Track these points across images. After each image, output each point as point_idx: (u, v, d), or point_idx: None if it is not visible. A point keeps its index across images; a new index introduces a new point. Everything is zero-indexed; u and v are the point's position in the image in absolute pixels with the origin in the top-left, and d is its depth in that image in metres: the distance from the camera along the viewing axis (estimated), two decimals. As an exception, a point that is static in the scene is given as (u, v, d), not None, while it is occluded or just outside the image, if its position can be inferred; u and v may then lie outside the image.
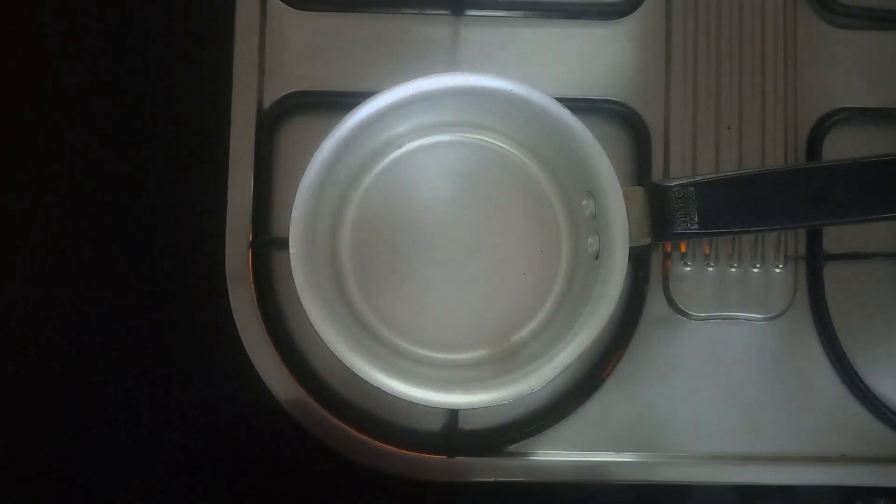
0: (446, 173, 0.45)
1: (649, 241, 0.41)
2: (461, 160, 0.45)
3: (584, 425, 0.47)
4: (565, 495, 0.47)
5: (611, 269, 0.40)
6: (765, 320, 0.47)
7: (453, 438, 0.47)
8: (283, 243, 0.42)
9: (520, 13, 0.49)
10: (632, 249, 0.40)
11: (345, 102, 0.42)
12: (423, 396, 0.39)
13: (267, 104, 0.47)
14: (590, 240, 0.43)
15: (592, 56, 0.48)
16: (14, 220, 0.48)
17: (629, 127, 0.48)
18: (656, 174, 0.47)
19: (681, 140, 0.47)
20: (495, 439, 0.46)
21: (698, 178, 0.41)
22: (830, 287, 0.47)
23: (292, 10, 0.48)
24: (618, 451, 0.47)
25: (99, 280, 0.47)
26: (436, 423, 0.47)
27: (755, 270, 0.47)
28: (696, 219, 0.40)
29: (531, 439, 0.46)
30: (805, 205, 0.41)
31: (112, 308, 0.47)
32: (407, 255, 0.44)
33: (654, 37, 0.48)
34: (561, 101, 0.41)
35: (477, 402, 0.39)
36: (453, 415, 0.47)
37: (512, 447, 0.46)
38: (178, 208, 0.48)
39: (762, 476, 0.46)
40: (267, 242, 0.47)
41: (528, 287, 0.44)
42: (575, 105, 0.41)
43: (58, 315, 0.48)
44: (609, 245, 0.40)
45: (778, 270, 0.47)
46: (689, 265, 0.47)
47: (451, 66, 0.48)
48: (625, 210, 0.40)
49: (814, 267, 0.47)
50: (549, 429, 0.46)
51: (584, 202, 0.42)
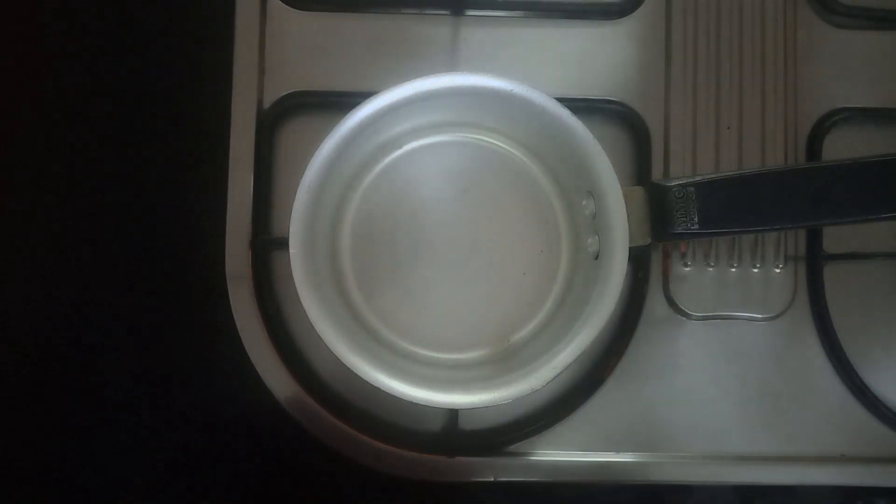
0: (446, 173, 0.45)
1: (649, 241, 0.41)
2: (461, 160, 0.45)
3: (584, 425, 0.47)
4: (565, 495, 0.47)
5: (611, 269, 0.40)
6: (765, 320, 0.47)
7: (453, 438, 0.47)
8: (283, 243, 0.42)
9: (520, 13, 0.49)
10: (632, 249, 0.40)
11: (345, 102, 0.42)
12: (423, 396, 0.39)
13: (267, 104, 0.47)
14: (590, 240, 0.43)
15: (592, 56, 0.48)
16: (14, 220, 0.48)
17: (629, 127, 0.48)
18: (656, 174, 0.47)
19: (681, 140, 0.47)
20: (495, 439, 0.46)
21: (698, 178, 0.41)
22: (830, 287, 0.47)
23: (292, 10, 0.48)
24: (618, 451, 0.47)
25: (99, 280, 0.47)
26: (436, 423, 0.47)
27: (755, 270, 0.47)
28: (696, 219, 0.40)
29: (531, 439, 0.46)
30: (805, 205, 0.41)
31: (112, 308, 0.47)
32: (407, 255, 0.44)
33: (654, 37, 0.48)
34: (561, 101, 0.41)
35: (477, 402, 0.39)
36: (453, 415, 0.47)
37: (512, 447, 0.46)
38: (178, 208, 0.48)
39: (762, 476, 0.46)
40: (267, 242, 0.47)
41: (528, 287, 0.44)
42: (575, 105, 0.41)
43: (58, 315, 0.48)
44: (609, 245, 0.40)
45: (778, 270, 0.47)
46: (689, 265, 0.47)
47: (451, 66, 0.48)
48: (625, 210, 0.40)
49: (814, 267, 0.47)
50: (549, 429, 0.46)
51: (584, 202, 0.42)
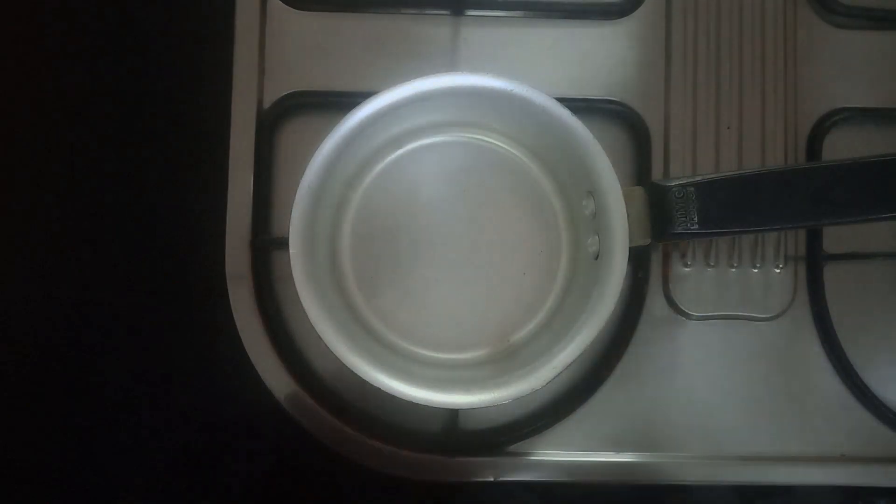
0: (446, 173, 0.45)
1: (649, 241, 0.41)
2: (461, 160, 0.45)
3: (584, 425, 0.47)
4: (565, 495, 0.47)
5: (611, 269, 0.40)
6: (765, 320, 0.47)
7: (453, 438, 0.47)
8: (283, 243, 0.42)
9: (520, 13, 0.49)
10: (632, 249, 0.40)
11: (345, 102, 0.42)
12: (423, 396, 0.39)
13: (267, 104, 0.47)
14: (590, 240, 0.43)
15: (592, 56, 0.48)
16: (14, 220, 0.48)
17: (629, 127, 0.48)
18: (656, 174, 0.47)
19: (681, 140, 0.47)
20: (495, 439, 0.46)
21: (698, 178, 0.41)
22: (830, 287, 0.47)
23: (292, 10, 0.48)
24: (618, 451, 0.47)
25: (99, 280, 0.47)
26: (436, 423, 0.47)
27: (755, 270, 0.47)
28: (696, 219, 0.40)
29: (531, 439, 0.46)
30: (805, 205, 0.41)
31: (112, 308, 0.47)
32: (407, 255, 0.44)
33: (654, 37, 0.48)
34: (561, 101, 0.41)
35: (477, 402, 0.39)
36: (453, 415, 0.47)
37: (512, 447, 0.46)
38: (178, 208, 0.48)
39: (762, 476, 0.46)
40: (267, 242, 0.47)
41: (528, 287, 0.44)
42: (575, 105, 0.41)
43: (58, 315, 0.48)
44: (609, 245, 0.40)
45: (778, 270, 0.47)
46: (689, 265, 0.47)
47: (451, 66, 0.48)
48: (625, 210, 0.40)
49: (814, 267, 0.47)
50: (549, 429, 0.46)
51: (584, 202, 0.42)
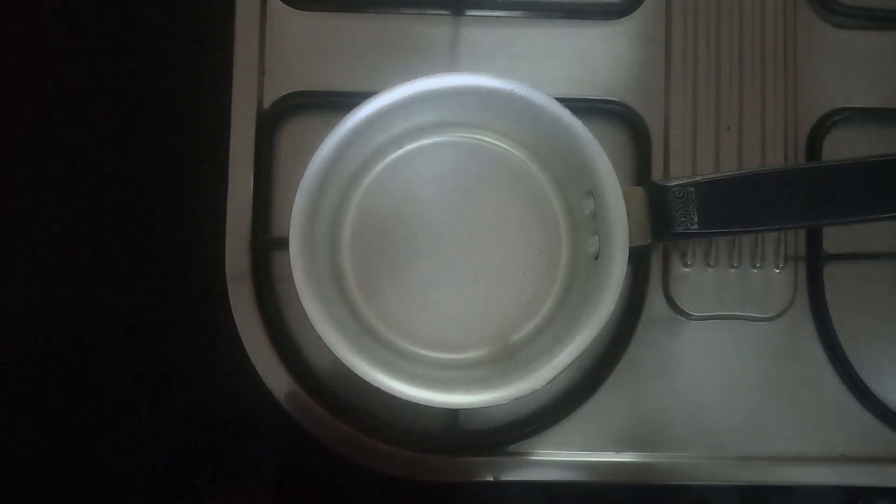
0: (446, 173, 0.45)
1: (649, 241, 0.41)
2: (461, 160, 0.45)
3: (584, 425, 0.47)
4: (565, 495, 0.47)
5: (611, 269, 0.40)
6: (765, 320, 0.47)
7: (453, 438, 0.47)
8: (283, 243, 0.42)
9: (520, 13, 0.49)
10: (632, 249, 0.40)
11: (345, 102, 0.42)
12: (423, 396, 0.39)
13: (267, 104, 0.47)
14: (590, 240, 0.43)
15: (592, 56, 0.48)
16: (14, 220, 0.48)
17: (629, 127, 0.48)
18: (656, 174, 0.47)
19: (681, 140, 0.47)
20: (495, 439, 0.46)
21: (698, 178, 0.41)
22: (830, 287, 0.47)
23: (292, 10, 0.48)
24: (618, 451, 0.47)
25: (99, 280, 0.47)
26: (436, 423, 0.47)
27: (755, 270, 0.47)
28: (696, 219, 0.40)
29: (531, 439, 0.46)
30: (805, 205, 0.41)
31: (112, 308, 0.47)
32: (407, 254, 0.44)
33: (654, 37, 0.48)
34: (561, 101, 0.41)
35: (477, 402, 0.39)
36: (453, 415, 0.47)
37: (512, 447, 0.46)
38: (178, 208, 0.48)
39: (762, 476, 0.46)
40: (267, 242, 0.47)
41: (528, 287, 0.44)
42: (575, 105, 0.41)
43: (58, 315, 0.48)
44: (609, 245, 0.40)
45: (778, 270, 0.47)
46: (689, 265, 0.47)
47: (451, 66, 0.48)
48: (625, 210, 0.40)
49: (814, 267, 0.47)
50: (549, 429, 0.46)
51: (584, 202, 0.42)
